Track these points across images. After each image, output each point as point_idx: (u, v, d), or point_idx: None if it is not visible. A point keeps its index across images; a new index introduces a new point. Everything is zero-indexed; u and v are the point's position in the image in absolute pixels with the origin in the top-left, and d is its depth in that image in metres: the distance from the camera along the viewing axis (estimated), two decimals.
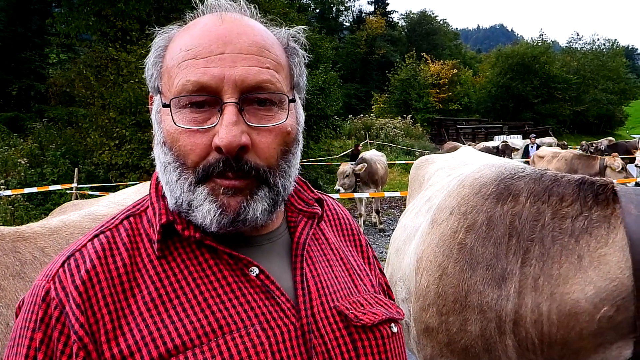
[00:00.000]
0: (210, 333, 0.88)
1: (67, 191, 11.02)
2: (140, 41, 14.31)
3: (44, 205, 11.58)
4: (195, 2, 1.02)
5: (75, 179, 10.68)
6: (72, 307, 0.86)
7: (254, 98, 0.92)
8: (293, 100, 0.98)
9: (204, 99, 0.90)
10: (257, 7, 1.05)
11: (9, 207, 10.43)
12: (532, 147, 17.54)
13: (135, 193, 2.91)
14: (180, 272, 0.93)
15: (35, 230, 2.15)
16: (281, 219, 1.08)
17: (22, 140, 15.59)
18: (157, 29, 1.03)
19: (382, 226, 11.46)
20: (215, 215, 0.90)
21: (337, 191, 10.38)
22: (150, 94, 1.04)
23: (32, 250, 2.02)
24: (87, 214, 2.43)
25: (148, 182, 3.25)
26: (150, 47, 1.03)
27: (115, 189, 11.61)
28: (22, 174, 12.29)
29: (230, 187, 0.90)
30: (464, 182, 2.11)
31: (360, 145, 19.24)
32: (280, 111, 0.94)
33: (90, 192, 10.86)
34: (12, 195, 10.29)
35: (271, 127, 0.93)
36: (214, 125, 0.89)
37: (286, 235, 1.07)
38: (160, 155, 0.96)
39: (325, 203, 1.18)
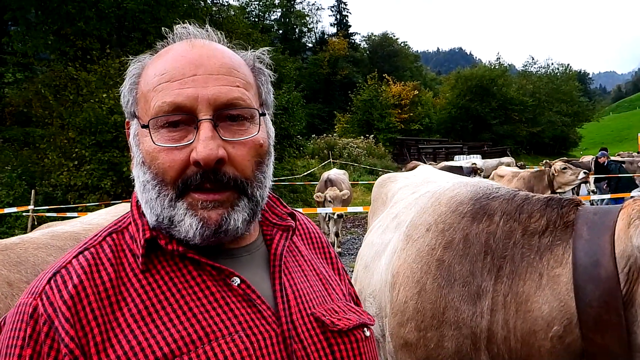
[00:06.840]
0: (197, 340, 0.91)
1: (24, 214, 10.70)
2: (101, 60, 14.09)
3: None
4: (165, 30, 1.09)
5: (32, 201, 10.38)
6: (61, 321, 0.88)
7: (227, 114, 0.98)
8: (263, 114, 1.05)
9: (180, 118, 0.96)
10: (220, 28, 1.09)
11: None
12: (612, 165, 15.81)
13: (107, 213, 2.94)
14: (165, 284, 0.97)
15: None
16: (258, 232, 1.14)
17: None
18: (118, 49, 1.06)
19: (339, 249, 11.31)
20: (197, 229, 0.94)
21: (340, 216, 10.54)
22: (127, 119, 1.09)
23: None
24: (48, 231, 2.41)
25: (122, 204, 3.22)
26: (111, 66, 1.05)
27: (73, 210, 11.32)
28: None
29: (210, 200, 0.95)
30: (439, 199, 2.15)
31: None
32: (252, 125, 1.01)
33: (47, 214, 10.55)
34: None
35: (245, 140, 0.99)
36: (191, 142, 0.95)
37: (263, 247, 1.13)
38: (139, 174, 1.01)
39: (296, 217, 1.24)
